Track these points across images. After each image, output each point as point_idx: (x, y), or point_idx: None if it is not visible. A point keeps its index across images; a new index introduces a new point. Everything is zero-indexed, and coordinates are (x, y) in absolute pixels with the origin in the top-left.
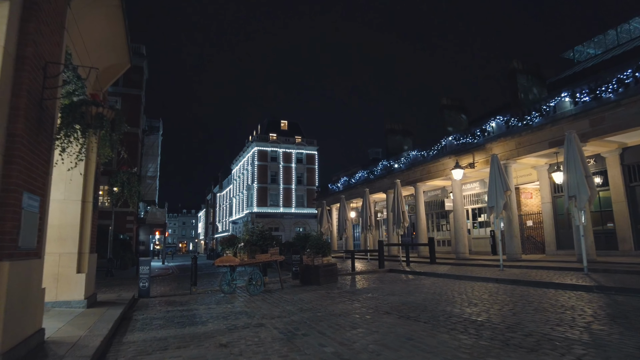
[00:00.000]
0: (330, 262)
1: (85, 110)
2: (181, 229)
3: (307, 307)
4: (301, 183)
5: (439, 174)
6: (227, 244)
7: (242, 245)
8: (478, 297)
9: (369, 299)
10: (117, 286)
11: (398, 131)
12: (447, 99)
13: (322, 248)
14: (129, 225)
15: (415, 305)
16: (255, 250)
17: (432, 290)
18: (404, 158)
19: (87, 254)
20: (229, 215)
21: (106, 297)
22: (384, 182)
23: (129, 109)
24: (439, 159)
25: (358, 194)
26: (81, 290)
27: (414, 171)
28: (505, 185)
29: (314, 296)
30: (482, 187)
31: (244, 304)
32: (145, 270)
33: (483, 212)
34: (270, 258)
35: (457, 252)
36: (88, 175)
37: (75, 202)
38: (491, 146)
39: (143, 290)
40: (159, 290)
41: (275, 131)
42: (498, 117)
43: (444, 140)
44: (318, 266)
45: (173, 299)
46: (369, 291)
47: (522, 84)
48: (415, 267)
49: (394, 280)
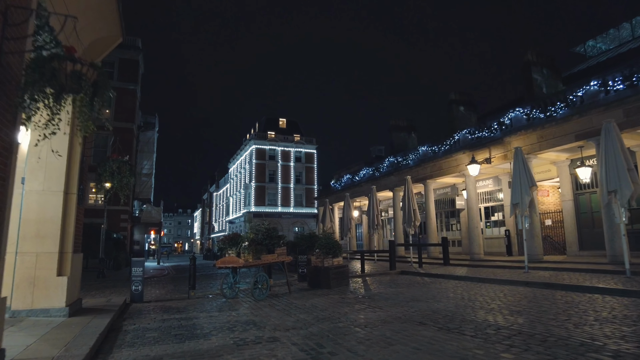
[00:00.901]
0: (341, 263)
1: (58, 67)
2: (177, 228)
3: (323, 315)
4: (300, 182)
5: (451, 170)
6: (230, 243)
7: (247, 245)
8: (516, 303)
9: (392, 305)
10: (108, 289)
11: (403, 127)
12: (455, 94)
13: (332, 248)
14: (123, 224)
15: (450, 314)
16: (261, 251)
17: (459, 294)
18: (412, 154)
19: (69, 253)
20: (225, 214)
21: (94, 303)
22: (391, 179)
23: (123, 104)
24: (452, 155)
25: (362, 192)
26: (62, 296)
27: (424, 167)
28: (531, 180)
29: (328, 302)
30: (495, 184)
31: (250, 311)
32: (138, 272)
33: (496, 211)
34: (277, 259)
35: (472, 253)
36: (72, 162)
37: (56, 194)
38: (510, 140)
39: (136, 295)
40: (153, 294)
41: (274, 129)
42: (517, 108)
43: (457, 134)
44: (328, 268)
45: (169, 304)
46: (388, 296)
47: (536, 76)
48: (429, 268)
49: (410, 284)
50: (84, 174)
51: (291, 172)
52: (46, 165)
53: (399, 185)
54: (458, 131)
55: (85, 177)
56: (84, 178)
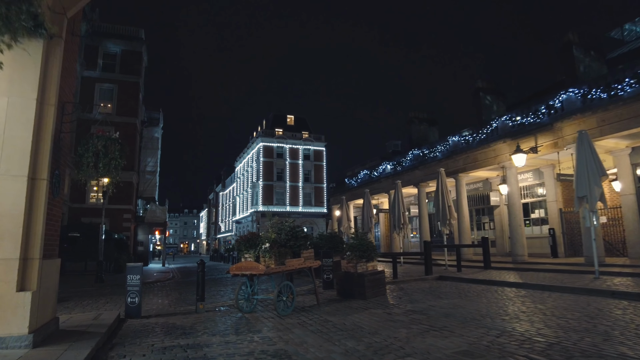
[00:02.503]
0: (377, 269)
1: None
2: (182, 229)
3: (378, 342)
4: (308, 180)
5: (488, 162)
6: (247, 245)
7: (267, 247)
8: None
9: (460, 325)
10: (104, 297)
11: (423, 120)
12: (482, 81)
13: (367, 251)
14: (126, 224)
15: (555, 341)
16: (285, 254)
17: (539, 309)
18: (441, 145)
19: (37, 260)
20: (232, 214)
21: (77, 321)
22: (415, 174)
23: (126, 98)
24: (489, 144)
25: (382, 188)
26: (23, 318)
27: (455, 160)
28: (601, 169)
29: (373, 320)
30: (536, 177)
31: (276, 333)
32: (134, 280)
33: (537, 207)
34: (303, 264)
35: (514, 255)
36: (42, 137)
37: (16, 180)
38: (561, 125)
39: (132, 308)
40: (154, 305)
41: (282, 126)
42: (570, 90)
43: (495, 121)
44: (363, 274)
45: (173, 320)
46: (445, 311)
47: (579, 57)
48: (469, 273)
49: (459, 292)
50: (60, 155)
51: (299, 170)
52: (3, 139)
53: (425, 180)
54: (496, 117)
55: (64, 159)
56: (62, 160)
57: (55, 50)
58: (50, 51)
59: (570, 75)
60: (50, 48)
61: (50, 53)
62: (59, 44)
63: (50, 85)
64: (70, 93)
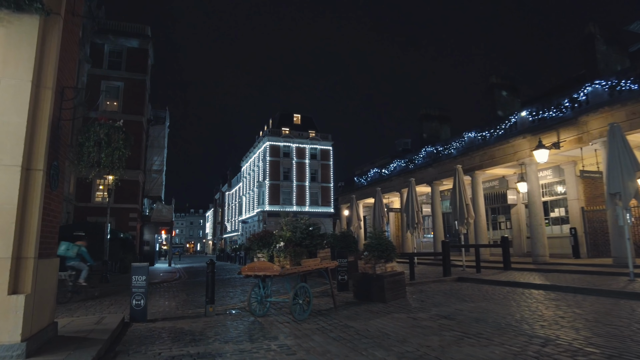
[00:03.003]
0: (396, 270)
1: None
2: (189, 228)
3: (410, 352)
4: (315, 180)
5: (506, 158)
6: (260, 243)
7: (282, 246)
8: None
9: (497, 333)
10: (108, 298)
11: (434, 117)
12: (496, 77)
13: (386, 251)
14: (132, 223)
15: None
16: (301, 254)
17: (578, 313)
18: (456, 142)
19: (32, 259)
20: (238, 214)
21: (78, 325)
22: (429, 172)
23: (132, 95)
24: (508, 140)
25: (393, 186)
26: (15, 325)
27: (471, 157)
28: (636, 164)
29: (398, 326)
30: (556, 175)
31: (295, 340)
32: (140, 281)
33: (557, 206)
34: (320, 265)
35: (535, 256)
36: (38, 124)
37: (9, 170)
38: (586, 119)
39: (137, 312)
40: (161, 308)
41: (288, 125)
42: (597, 82)
43: (514, 116)
44: (382, 276)
45: (181, 325)
46: (474, 315)
47: (600, 49)
48: (490, 274)
49: (484, 295)
50: (60, 145)
51: (306, 170)
52: None
53: (438, 178)
54: (515, 112)
55: (63, 149)
56: (61, 151)
57: (52, 28)
58: (48, 30)
59: (591, 68)
60: (47, 26)
61: (47, 32)
62: (57, 22)
63: (48, 66)
64: (71, 78)
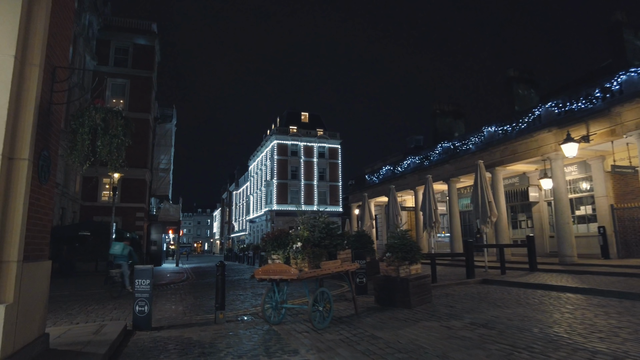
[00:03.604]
0: (420, 272)
1: None
2: (196, 228)
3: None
4: (323, 179)
5: (529, 153)
6: (275, 244)
7: (299, 247)
8: None
9: (555, 347)
10: (112, 302)
11: (448, 112)
12: (514, 70)
13: (410, 252)
14: (139, 223)
15: None
16: (321, 255)
17: None
18: (475, 137)
19: (14, 263)
20: (246, 214)
21: (75, 335)
22: (445, 168)
23: (138, 93)
24: (532, 134)
25: (407, 184)
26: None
27: (491, 152)
28: None
29: (431, 336)
30: (582, 171)
31: (318, 355)
32: (144, 285)
33: (583, 204)
34: (340, 267)
35: (562, 256)
36: (22, 103)
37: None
38: (620, 110)
39: (140, 319)
40: (167, 313)
41: (296, 124)
42: (632, 69)
43: (537, 108)
44: (407, 279)
45: (189, 334)
46: (515, 324)
47: (630, 39)
48: (515, 276)
49: (518, 300)
50: (51, 132)
51: (314, 169)
52: None
53: (456, 175)
54: (539, 105)
55: (55, 137)
56: (52, 139)
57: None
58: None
59: (619, 57)
60: None
61: (33, 1)
62: None
63: (34, 41)
64: (64, 57)
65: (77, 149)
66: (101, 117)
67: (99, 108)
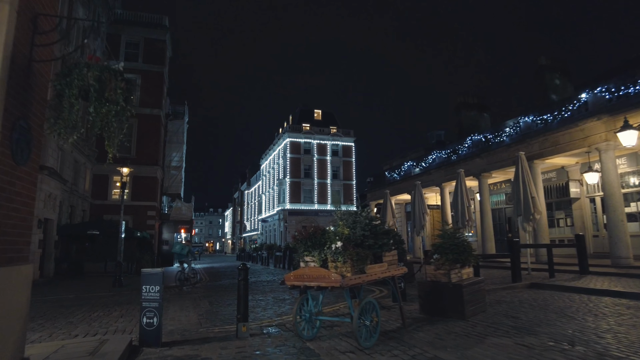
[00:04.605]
0: (472, 277)
1: None
2: (208, 228)
3: None
4: (337, 177)
5: (574, 144)
6: (309, 243)
7: (340, 247)
8: None
9: None
10: (119, 307)
11: (473, 106)
12: (545, 58)
13: (463, 253)
14: (150, 222)
15: None
16: (366, 257)
17: None
18: (510, 128)
19: None
20: (257, 213)
21: (67, 355)
22: (476, 163)
23: (149, 88)
24: (577, 123)
25: (432, 180)
26: None
27: (529, 145)
28: None
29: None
30: (631, 163)
31: None
32: (152, 293)
33: (634, 200)
34: (387, 272)
35: (616, 257)
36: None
37: None
38: None
39: (148, 333)
40: (179, 323)
41: (309, 121)
42: None
43: (584, 94)
44: (460, 285)
45: (207, 353)
46: (607, 340)
47: None
48: (569, 280)
49: (589, 309)
50: (31, 97)
51: (328, 167)
52: None
53: (488, 169)
54: (586, 90)
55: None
56: (35, 106)
57: None
58: None
59: None
60: None
61: None
62: None
63: None
64: (50, 3)
65: (63, 117)
66: (94, 76)
67: (92, 65)
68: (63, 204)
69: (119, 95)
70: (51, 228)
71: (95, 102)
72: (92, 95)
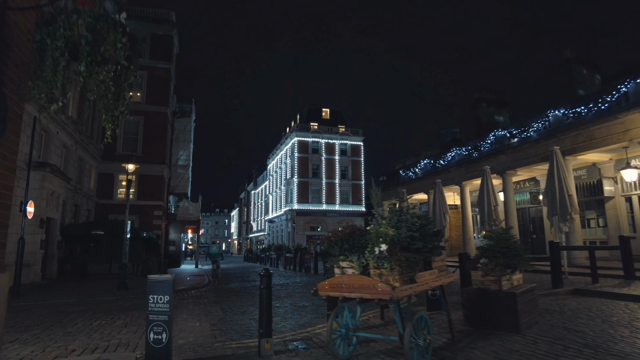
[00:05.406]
0: (522, 283)
1: None
2: (214, 228)
3: None
4: (345, 177)
5: (612, 139)
6: (345, 247)
7: (385, 251)
8: None
9: None
10: (123, 314)
11: (491, 101)
12: (571, 51)
13: (515, 257)
14: (157, 222)
15: None
16: (416, 263)
17: None
18: (537, 123)
19: None
20: (264, 213)
21: None
22: (500, 160)
23: (156, 85)
24: (616, 116)
25: (452, 179)
26: None
27: (559, 140)
28: None
29: None
30: None
31: None
32: (161, 304)
33: None
34: (438, 280)
35: None
36: None
37: None
38: None
39: (155, 351)
40: (191, 335)
41: (317, 120)
42: None
43: (624, 84)
44: (513, 294)
45: None
46: None
47: None
48: (614, 285)
49: None
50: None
51: (336, 167)
52: None
53: (513, 167)
54: (627, 80)
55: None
56: (10, 67)
57: None
58: None
59: None
60: None
61: None
62: None
63: None
64: None
65: (45, 78)
66: (86, 24)
67: (84, 10)
68: (67, 203)
69: (119, 51)
70: (54, 228)
71: (87, 59)
72: (83, 50)
